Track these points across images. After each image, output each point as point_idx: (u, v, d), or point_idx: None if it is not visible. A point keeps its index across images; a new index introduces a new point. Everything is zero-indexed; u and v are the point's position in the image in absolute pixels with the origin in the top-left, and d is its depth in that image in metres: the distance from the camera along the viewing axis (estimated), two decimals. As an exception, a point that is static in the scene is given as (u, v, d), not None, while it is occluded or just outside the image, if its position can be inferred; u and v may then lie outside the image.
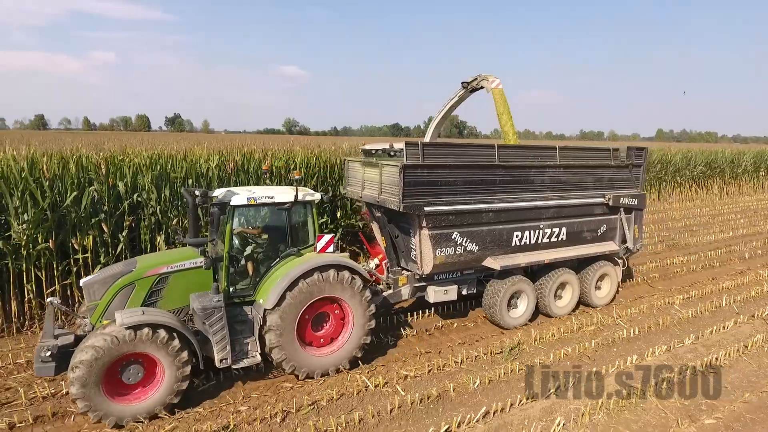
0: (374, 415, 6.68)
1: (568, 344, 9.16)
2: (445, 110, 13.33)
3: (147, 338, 6.26)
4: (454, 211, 8.79)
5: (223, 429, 6.29)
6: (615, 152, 11.10)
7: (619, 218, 11.18)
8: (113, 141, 22.02)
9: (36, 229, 9.38)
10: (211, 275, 7.33)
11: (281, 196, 7.53)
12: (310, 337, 7.71)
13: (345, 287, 7.62)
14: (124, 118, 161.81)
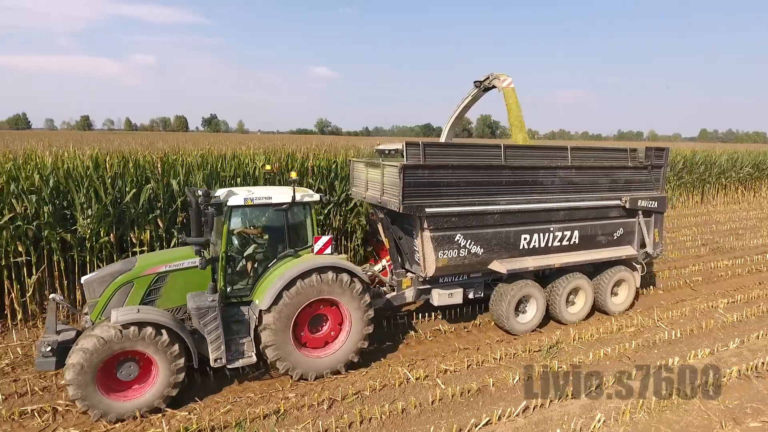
0: (416, 405, 6.96)
1: (607, 344, 9.15)
2: (459, 110, 13.13)
3: (140, 336, 6.37)
4: (457, 213, 8.61)
5: (274, 413, 6.69)
6: (632, 153, 10.65)
7: (637, 221, 10.72)
8: (156, 141, 23.24)
9: (99, 223, 9.99)
10: (209, 275, 7.41)
11: (278, 197, 7.54)
12: (307, 339, 7.70)
13: (344, 290, 7.56)
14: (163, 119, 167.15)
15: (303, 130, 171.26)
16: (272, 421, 6.55)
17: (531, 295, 9.75)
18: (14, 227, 9.46)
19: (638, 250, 10.85)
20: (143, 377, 6.67)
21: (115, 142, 23.22)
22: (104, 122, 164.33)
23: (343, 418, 6.60)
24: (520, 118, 11.23)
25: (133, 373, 6.60)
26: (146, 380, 6.67)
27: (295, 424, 6.50)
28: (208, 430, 6.29)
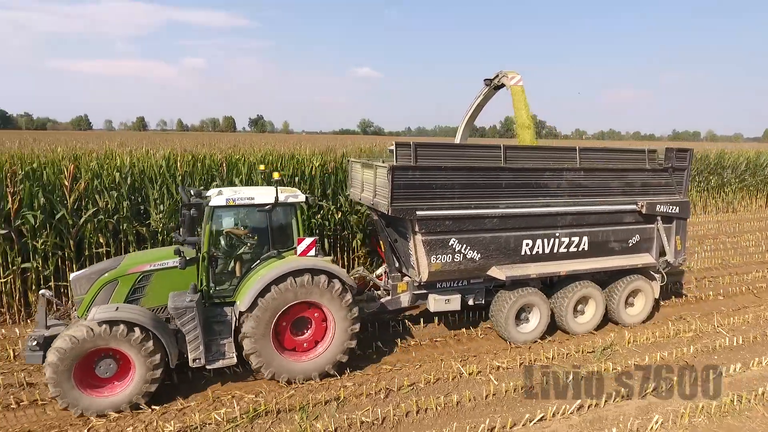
0: (470, 399, 7.17)
1: (663, 348, 9.04)
2: (472, 110, 12.76)
3: (117, 334, 6.45)
4: (451, 216, 8.29)
5: (335, 400, 7.07)
6: (651, 154, 9.97)
7: (656, 228, 10.02)
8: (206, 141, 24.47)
9: (170, 218, 10.73)
10: (193, 274, 7.44)
11: (261, 198, 7.48)
12: (291, 342, 7.59)
13: (323, 292, 7.42)
14: (212, 120, 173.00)
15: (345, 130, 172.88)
16: (333, 407, 6.93)
17: (533, 303, 9.28)
18: (97, 221, 10.39)
19: (657, 259, 10.14)
20: (122, 374, 6.76)
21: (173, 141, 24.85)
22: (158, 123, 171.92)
23: (400, 407, 6.89)
24: (528, 118, 10.75)
25: (112, 370, 6.70)
26: (125, 377, 6.76)
27: (354, 411, 6.84)
28: (274, 411, 6.77)
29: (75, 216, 10.24)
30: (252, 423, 6.55)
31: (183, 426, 6.38)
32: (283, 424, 6.54)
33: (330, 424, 6.45)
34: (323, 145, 17.37)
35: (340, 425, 6.50)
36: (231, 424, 6.47)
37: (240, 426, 6.47)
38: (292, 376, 7.45)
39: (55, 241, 10.17)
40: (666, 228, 10.10)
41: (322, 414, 6.75)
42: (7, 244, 9.90)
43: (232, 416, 6.60)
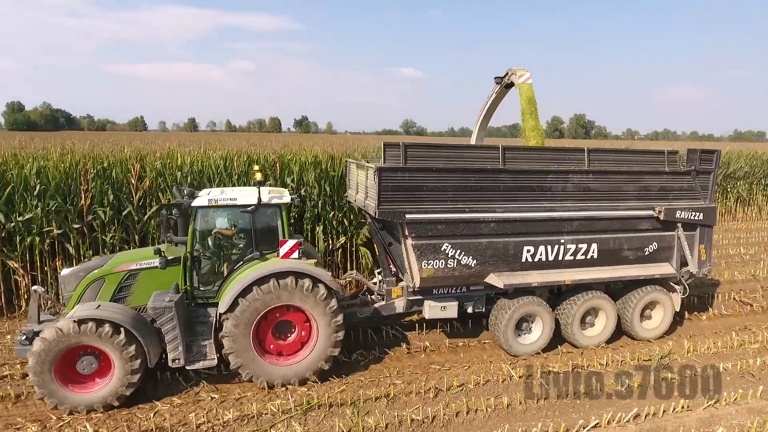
0: (521, 402, 7.15)
1: (726, 359, 8.63)
2: (485, 110, 12.27)
3: (93, 332, 6.52)
4: (444, 220, 7.95)
5: (385, 396, 7.21)
6: (671, 156, 9.24)
7: (676, 235, 9.27)
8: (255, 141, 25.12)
9: None
10: (177, 274, 7.45)
11: (244, 198, 7.41)
12: (273, 345, 7.48)
13: (306, 296, 7.26)
14: (259, 121, 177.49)
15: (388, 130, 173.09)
16: (383, 403, 7.07)
17: (535, 313, 8.78)
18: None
19: (678, 269, 9.38)
20: (103, 372, 6.84)
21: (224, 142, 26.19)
22: (207, 124, 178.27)
23: (450, 407, 6.95)
24: (535, 118, 10.21)
25: (93, 367, 6.79)
26: (106, 375, 6.84)
27: (404, 408, 6.94)
28: (326, 405, 6.98)
29: (140, 212, 10.92)
30: (305, 415, 6.79)
31: (240, 414, 6.71)
32: (335, 417, 6.73)
33: (381, 420, 6.60)
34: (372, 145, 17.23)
35: (390, 422, 6.65)
36: (285, 416, 6.72)
37: (294, 418, 6.71)
38: (271, 380, 7.34)
39: (122, 235, 10.86)
40: (688, 236, 9.32)
41: (373, 410, 6.89)
42: (80, 238, 10.57)
43: (287, 408, 6.86)
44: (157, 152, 13.26)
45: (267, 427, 6.54)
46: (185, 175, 11.39)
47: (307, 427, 6.56)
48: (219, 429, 6.50)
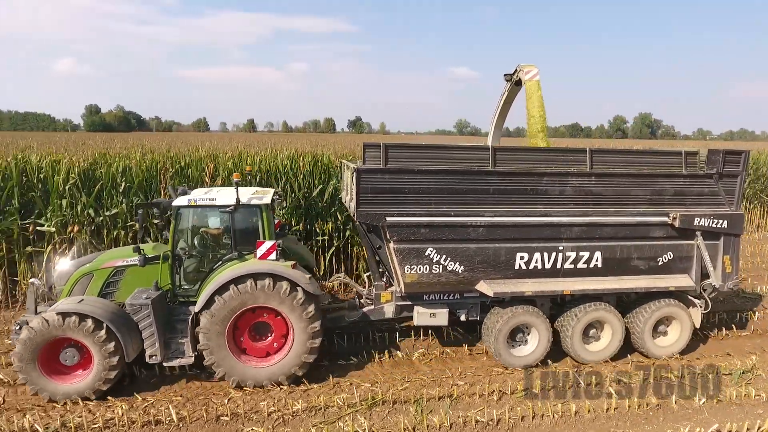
0: (590, 410, 7.07)
1: None
2: (499, 109, 11.76)
3: (74, 325, 6.77)
4: (427, 224, 7.64)
5: (448, 396, 7.33)
6: (690, 157, 8.43)
7: (695, 245, 8.46)
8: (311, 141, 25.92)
9: (292, 213, 11.85)
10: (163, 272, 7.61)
11: (223, 199, 7.45)
12: (248, 346, 7.48)
13: (282, 299, 7.19)
14: (314, 121, 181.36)
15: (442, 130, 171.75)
16: (446, 403, 7.15)
17: (529, 324, 8.27)
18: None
19: (698, 282, 8.55)
20: (85, 364, 7.09)
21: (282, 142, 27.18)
22: (265, 125, 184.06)
23: (514, 411, 6.99)
24: (541, 117, 9.64)
25: (75, 359, 7.06)
26: (88, 367, 7.08)
27: (468, 410, 7.01)
28: (390, 401, 7.17)
29: None
30: (370, 410, 6.99)
31: (308, 405, 7.00)
32: (399, 414, 6.89)
33: (445, 420, 6.69)
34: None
35: (455, 421, 6.74)
36: (351, 409, 6.95)
37: (360, 412, 6.91)
38: (243, 381, 7.33)
39: None
40: (710, 245, 8.48)
41: (436, 409, 7.00)
42: (159, 233, 11.11)
43: (352, 402, 7.10)
44: (228, 152, 14.10)
45: (334, 419, 6.77)
46: (254, 174, 11.91)
47: (372, 422, 6.72)
48: (288, 418, 6.79)
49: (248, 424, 6.63)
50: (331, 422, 6.70)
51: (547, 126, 10.99)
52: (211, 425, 6.63)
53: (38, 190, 11.02)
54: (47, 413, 6.72)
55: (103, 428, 6.44)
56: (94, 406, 6.90)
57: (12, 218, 10.62)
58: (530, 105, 9.67)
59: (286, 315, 7.31)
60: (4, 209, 10.72)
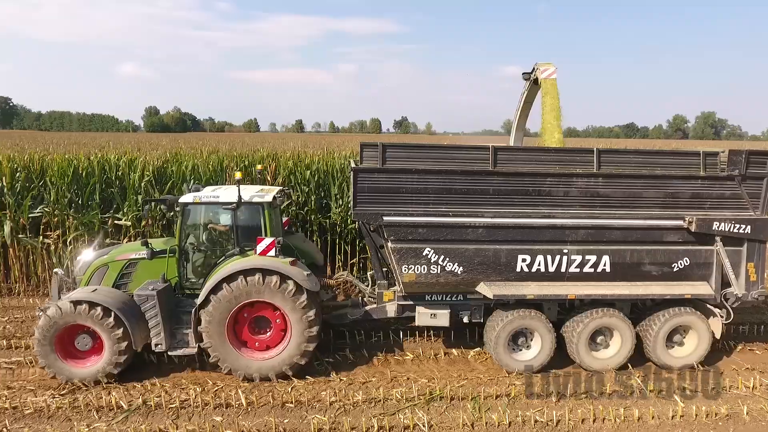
0: (654, 416, 6.98)
1: None
2: (520, 109, 11.54)
3: (85, 313, 7.23)
4: (425, 224, 7.64)
5: (506, 395, 7.46)
6: (710, 158, 7.99)
7: (715, 251, 8.00)
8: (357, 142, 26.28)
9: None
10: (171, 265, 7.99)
11: (226, 196, 7.73)
12: (249, 339, 7.73)
13: (276, 293, 7.39)
14: (360, 122, 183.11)
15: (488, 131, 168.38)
16: (504, 402, 7.25)
17: (532, 328, 8.09)
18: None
19: (718, 290, 8.08)
20: (99, 350, 7.55)
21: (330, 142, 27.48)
22: (313, 125, 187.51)
23: (575, 413, 6.99)
24: (556, 116, 9.39)
25: (88, 344, 7.53)
26: (101, 353, 7.54)
27: (526, 409, 7.08)
28: (448, 397, 7.31)
29: None
30: (428, 405, 7.17)
31: (368, 397, 7.28)
32: (457, 410, 7.03)
33: (504, 418, 6.79)
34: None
35: (513, 420, 6.82)
36: (409, 403, 7.17)
37: (418, 406, 7.12)
38: (249, 374, 7.58)
39: None
40: (731, 252, 8.00)
41: (494, 407, 7.11)
42: None
43: (410, 396, 7.32)
44: (288, 152, 14.81)
45: (393, 411, 7.00)
46: (313, 174, 12.46)
47: (430, 416, 6.86)
48: (350, 408, 7.07)
49: (311, 412, 6.96)
50: (391, 414, 6.93)
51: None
52: (277, 411, 6.98)
53: (116, 186, 11.68)
54: (129, 392, 7.32)
55: (179, 408, 6.97)
56: (170, 387, 7.47)
57: (93, 212, 11.36)
58: (546, 101, 9.46)
59: (283, 309, 7.51)
60: (87, 204, 11.56)
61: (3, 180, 11.43)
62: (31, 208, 11.32)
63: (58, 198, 11.34)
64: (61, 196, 11.35)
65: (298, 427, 6.67)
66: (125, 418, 6.74)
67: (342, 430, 6.60)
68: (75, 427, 6.52)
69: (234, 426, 6.59)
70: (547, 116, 9.52)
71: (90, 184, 11.66)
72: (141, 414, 6.86)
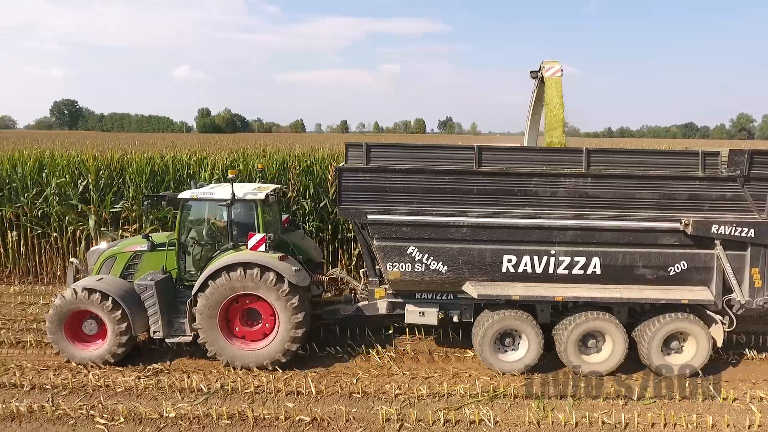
0: (729, 425, 6.82)
1: None
2: (532, 108, 11.39)
3: (89, 299, 7.81)
4: (409, 223, 7.74)
5: (571, 396, 7.47)
6: (710, 158, 7.66)
7: (715, 255, 7.67)
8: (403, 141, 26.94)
9: None
10: (170, 258, 8.47)
11: (221, 193, 8.12)
12: (240, 330, 8.08)
13: (269, 288, 7.68)
14: (404, 122, 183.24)
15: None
16: (568, 402, 7.27)
17: (518, 329, 8.02)
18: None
19: (719, 296, 7.74)
20: (102, 335, 8.12)
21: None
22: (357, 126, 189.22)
23: (644, 416, 6.90)
24: (559, 115, 9.21)
25: (94, 329, 8.11)
26: (104, 338, 8.11)
27: (592, 411, 7.05)
28: (511, 395, 7.46)
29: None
30: (492, 402, 7.29)
31: (431, 392, 7.49)
32: (522, 408, 7.12)
33: (570, 418, 6.82)
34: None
35: (580, 420, 6.82)
36: (473, 399, 7.32)
37: (481, 402, 7.26)
38: (233, 362, 7.94)
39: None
40: (734, 256, 7.65)
41: (559, 407, 7.14)
42: None
43: (473, 392, 7.48)
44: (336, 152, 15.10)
45: (457, 407, 7.14)
46: None
47: (495, 413, 6.98)
48: (414, 401, 7.29)
49: (378, 403, 7.22)
50: (456, 408, 7.06)
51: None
52: (345, 400, 7.29)
53: (188, 183, 12.16)
54: (206, 377, 7.80)
55: (253, 393, 7.41)
56: (243, 374, 7.90)
57: (167, 208, 11.85)
58: (548, 101, 9.34)
59: (271, 303, 7.81)
60: None
61: (89, 177, 12.44)
62: (112, 204, 12.26)
63: (137, 194, 12.20)
64: (139, 192, 12.23)
65: (366, 416, 6.94)
66: (205, 399, 7.22)
67: (409, 421, 6.82)
68: (162, 405, 7.01)
69: (306, 412, 6.92)
70: (549, 114, 9.38)
71: (165, 181, 12.52)
72: (219, 397, 7.31)
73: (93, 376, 7.71)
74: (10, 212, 12.41)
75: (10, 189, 12.54)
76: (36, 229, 12.54)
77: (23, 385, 7.48)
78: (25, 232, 12.56)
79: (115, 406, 7.03)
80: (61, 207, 12.30)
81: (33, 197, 12.47)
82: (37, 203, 12.47)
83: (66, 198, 12.33)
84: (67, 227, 12.37)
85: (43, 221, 12.64)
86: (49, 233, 12.52)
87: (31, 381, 7.58)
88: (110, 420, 6.76)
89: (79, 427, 6.66)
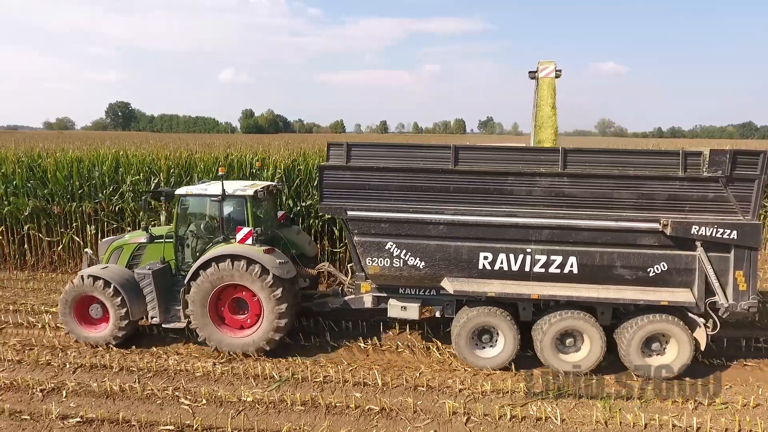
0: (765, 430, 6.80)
1: None
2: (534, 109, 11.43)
3: (93, 286, 8.51)
4: (386, 219, 8.01)
5: (638, 398, 7.50)
6: (692, 158, 7.54)
7: (697, 256, 7.55)
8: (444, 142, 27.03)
9: None
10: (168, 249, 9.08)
11: (212, 190, 8.65)
12: (228, 318, 8.58)
13: (244, 275, 8.14)
14: (444, 122, 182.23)
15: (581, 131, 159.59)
16: (635, 404, 7.30)
17: (494, 325, 8.14)
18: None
19: (701, 298, 7.62)
20: (106, 319, 8.82)
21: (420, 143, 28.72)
22: (396, 126, 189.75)
23: (716, 421, 6.86)
24: (550, 114, 9.25)
25: (99, 313, 8.82)
26: (107, 321, 8.80)
27: (661, 413, 7.01)
28: (576, 395, 7.53)
29: None
30: (557, 400, 7.40)
31: (495, 388, 7.66)
32: (587, 408, 7.21)
33: (639, 419, 6.86)
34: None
35: (649, 422, 6.85)
36: (537, 397, 7.49)
37: (546, 401, 7.39)
38: (220, 347, 8.47)
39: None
40: (716, 258, 7.51)
41: (626, 408, 7.17)
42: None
43: (536, 390, 7.67)
44: None
45: (522, 403, 7.29)
46: None
47: (560, 411, 7.04)
48: (478, 396, 7.50)
49: (442, 397, 7.42)
50: (521, 405, 7.20)
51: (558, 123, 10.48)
52: (410, 392, 7.53)
53: None
54: (276, 366, 8.26)
55: (323, 383, 7.82)
56: (310, 364, 8.35)
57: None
58: (542, 100, 9.42)
59: (257, 293, 8.27)
60: None
61: (160, 176, 13.29)
62: None
63: None
64: None
65: (433, 409, 7.14)
66: (278, 387, 7.63)
67: (475, 415, 6.97)
68: (238, 390, 7.49)
69: (374, 401, 7.19)
70: (539, 113, 9.45)
71: (229, 179, 13.05)
72: (290, 385, 7.73)
73: (173, 361, 8.37)
74: (90, 208, 13.31)
75: (89, 186, 13.45)
76: (112, 224, 13.44)
77: (112, 366, 8.16)
78: (103, 226, 13.45)
79: (196, 389, 7.53)
80: (135, 203, 13.14)
81: (110, 194, 13.35)
82: (114, 199, 13.35)
83: (139, 195, 12.99)
84: (140, 222, 13.06)
85: (117, 216, 13.52)
86: (124, 228, 13.35)
87: (119, 363, 8.25)
88: (193, 402, 7.24)
89: (166, 406, 7.17)
